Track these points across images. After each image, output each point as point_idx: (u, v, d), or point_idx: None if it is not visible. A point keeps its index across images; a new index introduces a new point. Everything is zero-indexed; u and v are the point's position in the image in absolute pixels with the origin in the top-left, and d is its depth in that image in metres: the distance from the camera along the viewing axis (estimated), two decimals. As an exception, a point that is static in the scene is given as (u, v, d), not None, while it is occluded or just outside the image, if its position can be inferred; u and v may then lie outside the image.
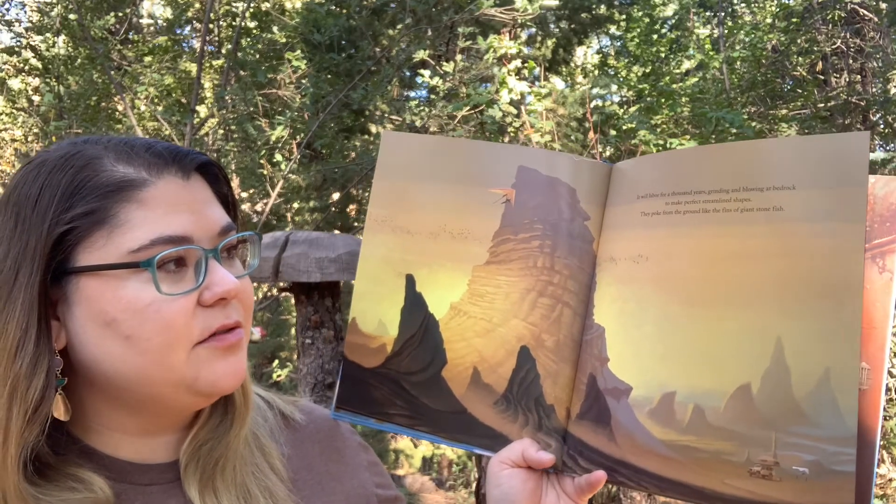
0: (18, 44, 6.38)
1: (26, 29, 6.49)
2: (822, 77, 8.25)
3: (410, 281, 0.80)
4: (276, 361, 6.77)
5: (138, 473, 0.67)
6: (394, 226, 0.82)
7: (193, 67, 6.64)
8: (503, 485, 0.74)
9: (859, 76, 7.97)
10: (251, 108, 6.32)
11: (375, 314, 0.81)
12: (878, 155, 6.46)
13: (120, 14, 7.17)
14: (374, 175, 0.84)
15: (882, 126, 7.51)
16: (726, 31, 7.37)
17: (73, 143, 0.66)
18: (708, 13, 8.64)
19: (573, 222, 0.75)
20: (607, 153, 6.81)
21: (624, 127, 6.66)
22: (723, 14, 7.86)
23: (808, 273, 0.61)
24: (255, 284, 7.60)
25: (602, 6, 8.47)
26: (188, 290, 0.62)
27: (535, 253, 0.76)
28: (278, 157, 6.01)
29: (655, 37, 7.07)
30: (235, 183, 7.49)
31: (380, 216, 0.83)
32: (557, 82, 8.05)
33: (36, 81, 6.71)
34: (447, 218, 0.80)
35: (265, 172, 6.35)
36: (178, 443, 0.70)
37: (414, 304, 0.80)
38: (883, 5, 7.40)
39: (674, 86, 6.65)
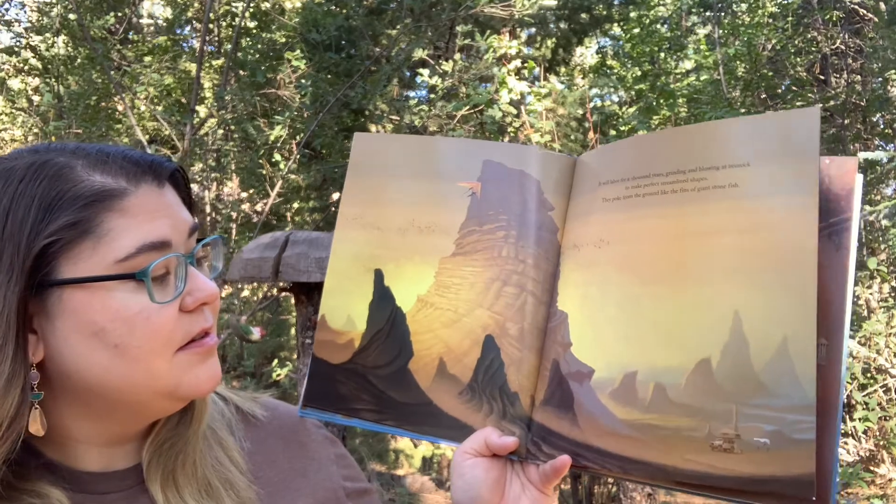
0: (18, 44, 6.38)
1: (26, 29, 6.49)
2: (821, 77, 8.25)
3: (379, 276, 0.81)
4: (276, 361, 6.77)
5: (97, 483, 0.67)
6: (364, 223, 0.83)
7: (193, 67, 6.64)
8: (466, 475, 0.73)
9: (859, 76, 7.97)
10: (251, 108, 6.32)
11: (344, 310, 0.82)
12: (879, 155, 6.45)
13: (119, 14, 7.17)
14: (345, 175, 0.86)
15: (882, 126, 7.51)
16: (723, 32, 7.37)
17: (35, 150, 0.64)
18: (708, 13, 8.65)
19: (537, 213, 0.76)
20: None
21: (623, 127, 6.66)
22: (721, 14, 7.87)
23: (764, 246, 0.62)
24: (254, 284, 7.59)
25: (601, 6, 8.47)
26: (174, 297, 0.63)
27: (500, 243, 0.77)
28: (277, 156, 6.01)
29: (651, 37, 7.07)
30: (235, 183, 7.49)
31: (350, 214, 0.84)
32: (557, 83, 8.04)
33: (36, 81, 6.71)
34: (415, 213, 0.81)
35: (265, 172, 6.36)
36: (138, 448, 0.70)
37: (382, 299, 0.81)
38: (882, 5, 7.40)
39: (672, 86, 6.65)
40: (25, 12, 7.04)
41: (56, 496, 0.62)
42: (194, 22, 7.79)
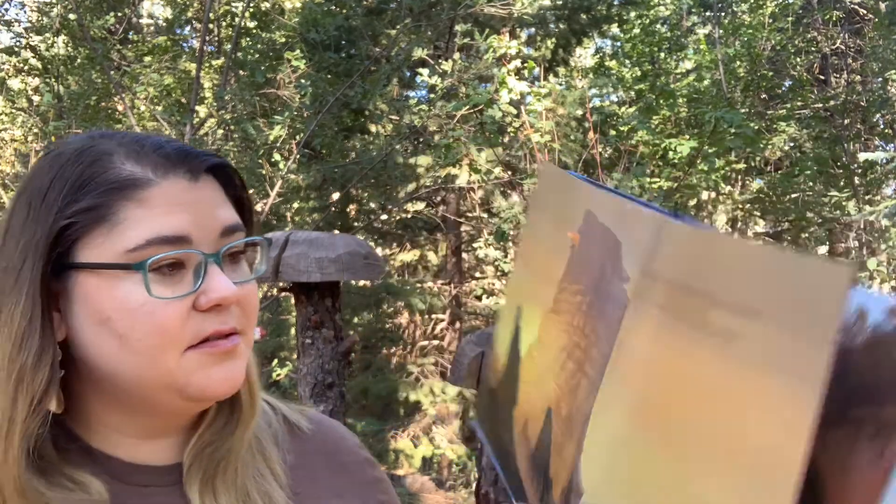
0: (18, 44, 6.38)
1: (26, 29, 6.49)
2: (821, 77, 8.25)
3: (519, 313, 0.80)
4: (276, 361, 6.77)
5: (136, 474, 0.66)
6: (521, 256, 0.84)
7: (193, 67, 6.65)
8: None
9: (859, 76, 7.98)
10: (250, 108, 6.32)
11: (502, 339, 0.82)
12: (879, 155, 6.46)
13: (119, 14, 7.18)
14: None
15: (882, 126, 7.51)
16: (723, 32, 7.37)
17: (90, 136, 0.66)
18: (708, 13, 8.65)
19: (611, 283, 0.63)
20: (607, 153, 6.81)
21: (623, 127, 6.66)
22: (721, 14, 7.86)
23: (743, 432, 0.46)
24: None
25: (601, 6, 8.48)
26: (182, 295, 0.61)
27: (575, 309, 0.67)
28: (277, 156, 6.01)
29: (650, 37, 7.08)
30: (235, 183, 7.49)
31: (521, 245, 0.85)
32: (556, 83, 8.05)
33: (36, 81, 6.70)
34: (545, 257, 0.77)
35: (264, 172, 6.36)
36: (179, 445, 0.69)
37: (515, 337, 0.79)
38: (882, 5, 7.39)
39: (671, 85, 6.66)
40: (25, 12, 7.03)
41: (96, 487, 0.62)
42: (194, 22, 7.79)
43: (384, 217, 8.89)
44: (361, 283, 8.12)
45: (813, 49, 7.75)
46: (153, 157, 0.63)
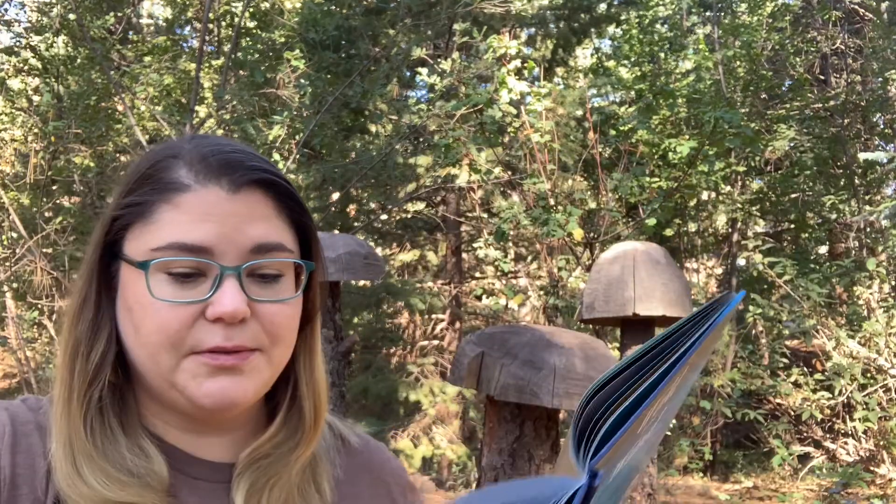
0: (18, 44, 6.38)
1: (26, 29, 6.49)
2: (821, 77, 8.25)
3: None
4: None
5: (190, 465, 0.67)
6: None
7: (193, 67, 6.65)
8: None
9: (859, 76, 7.97)
10: (250, 108, 6.32)
11: None
12: (879, 155, 6.45)
13: (119, 14, 7.18)
14: None
15: (882, 126, 7.51)
16: (722, 32, 7.36)
17: (184, 138, 0.69)
18: (708, 13, 8.65)
19: None
20: (607, 153, 6.81)
21: (622, 127, 6.65)
22: (720, 14, 7.86)
23: None
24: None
25: (602, 6, 8.48)
26: (186, 301, 0.62)
27: None
28: (276, 156, 6.01)
29: (650, 37, 7.07)
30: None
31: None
32: (556, 84, 8.04)
33: (36, 81, 6.70)
34: None
35: (265, 172, 6.36)
36: (235, 444, 0.69)
37: None
38: (883, 5, 7.39)
39: (671, 85, 6.65)
40: (25, 12, 7.03)
41: (158, 463, 0.63)
42: (194, 22, 7.79)
43: (384, 217, 8.90)
44: (361, 283, 8.12)
45: (813, 49, 7.74)
46: (200, 165, 0.64)
